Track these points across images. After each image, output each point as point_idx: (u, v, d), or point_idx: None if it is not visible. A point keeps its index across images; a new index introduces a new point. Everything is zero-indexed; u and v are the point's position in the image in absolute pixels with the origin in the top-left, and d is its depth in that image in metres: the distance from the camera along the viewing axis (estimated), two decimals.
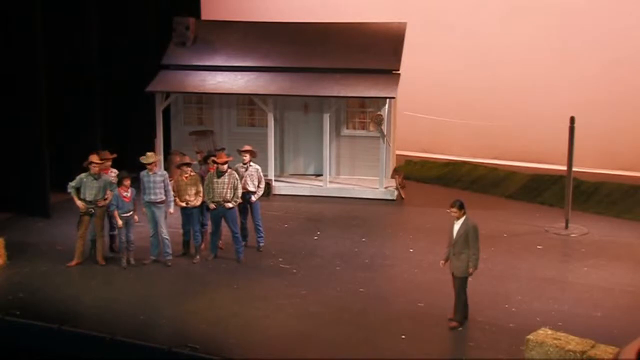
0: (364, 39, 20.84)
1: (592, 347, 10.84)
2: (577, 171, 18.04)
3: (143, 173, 15.03)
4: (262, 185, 15.68)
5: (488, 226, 17.47)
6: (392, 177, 20.41)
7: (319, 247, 15.94)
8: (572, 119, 17.10)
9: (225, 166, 14.81)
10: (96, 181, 14.87)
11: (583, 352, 10.70)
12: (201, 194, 14.90)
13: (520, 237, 16.83)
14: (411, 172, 22.04)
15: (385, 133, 19.88)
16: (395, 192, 19.68)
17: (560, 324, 12.16)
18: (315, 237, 16.60)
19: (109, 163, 15.56)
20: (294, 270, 14.59)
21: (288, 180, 20.70)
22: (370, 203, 19.33)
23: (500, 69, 23.06)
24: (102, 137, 19.90)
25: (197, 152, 20.57)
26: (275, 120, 20.30)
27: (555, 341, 10.94)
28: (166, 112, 20.86)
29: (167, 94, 20.45)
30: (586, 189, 20.06)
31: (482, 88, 23.23)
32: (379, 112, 19.81)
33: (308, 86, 19.91)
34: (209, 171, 15.12)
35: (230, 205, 14.78)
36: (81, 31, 19.32)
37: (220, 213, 14.83)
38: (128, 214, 14.73)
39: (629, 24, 21.64)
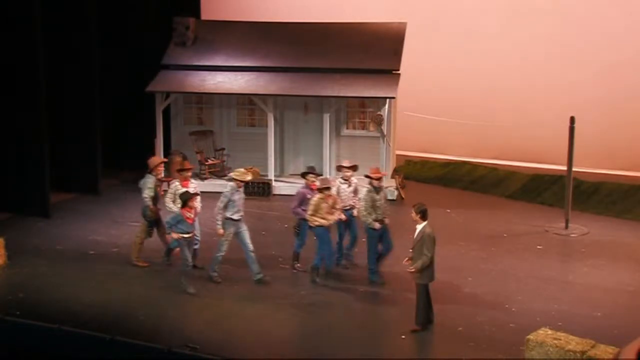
0: (364, 39, 20.83)
1: (592, 347, 10.85)
2: (577, 171, 18.04)
3: (231, 191, 14.04)
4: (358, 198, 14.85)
5: (488, 226, 17.51)
6: (392, 177, 20.40)
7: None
8: (572, 119, 17.11)
9: (379, 181, 14.13)
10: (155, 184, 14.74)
11: (583, 352, 10.71)
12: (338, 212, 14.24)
13: (520, 237, 16.83)
14: (411, 172, 22.03)
15: (385, 133, 19.88)
16: (395, 192, 19.67)
17: (560, 324, 12.17)
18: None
19: (189, 174, 14.83)
20: (294, 270, 14.59)
21: (288, 180, 20.69)
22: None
23: (500, 69, 23.04)
24: (102, 137, 19.92)
25: (197, 152, 20.60)
26: (275, 120, 20.29)
27: (555, 341, 10.95)
28: (166, 112, 20.85)
29: (167, 94, 20.44)
30: (586, 189, 20.07)
31: (482, 88, 23.22)
32: (379, 112, 19.81)
33: (308, 86, 19.90)
34: (309, 188, 14.56)
35: (387, 221, 14.21)
36: (81, 31, 19.30)
37: (382, 232, 14.09)
38: (189, 235, 13.73)
39: (629, 24, 21.63)
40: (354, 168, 14.98)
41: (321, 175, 15.08)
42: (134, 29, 21.55)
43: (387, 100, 19.77)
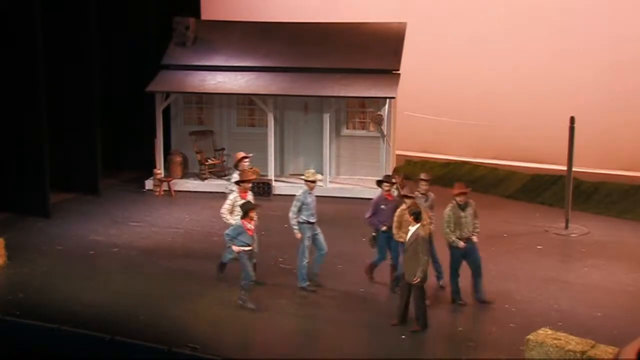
0: (364, 39, 20.83)
1: (592, 347, 10.85)
2: (577, 171, 18.03)
3: (304, 194, 13.83)
4: (434, 214, 14.04)
5: (488, 226, 17.42)
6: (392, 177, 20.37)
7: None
8: (572, 119, 17.11)
9: (464, 197, 13.20)
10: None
11: (583, 352, 10.72)
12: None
13: (520, 237, 16.82)
14: (411, 172, 22.00)
15: (385, 133, 19.88)
16: (396, 192, 19.63)
17: (560, 324, 12.17)
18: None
19: (250, 185, 14.22)
20: (294, 271, 14.56)
21: (288, 180, 20.69)
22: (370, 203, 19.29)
23: (500, 68, 23.03)
24: (102, 137, 19.92)
25: (197, 152, 20.61)
26: (275, 120, 20.29)
27: (555, 341, 10.95)
28: (166, 112, 20.85)
29: (167, 94, 20.44)
30: (586, 189, 20.06)
31: (482, 88, 23.21)
32: (379, 112, 19.81)
33: (308, 86, 19.90)
34: (385, 198, 13.90)
35: (475, 239, 13.17)
36: (81, 31, 19.30)
37: (467, 251, 13.11)
38: (250, 248, 13.06)
39: (629, 25, 21.62)
40: (430, 181, 14.19)
41: (394, 182, 14.24)
42: (134, 29, 21.54)
43: (387, 100, 19.78)
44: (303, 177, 14.18)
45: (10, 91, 17.69)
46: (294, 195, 19.94)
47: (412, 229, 12.21)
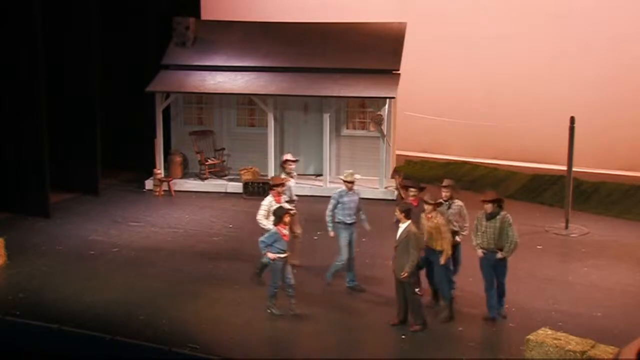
0: (364, 39, 20.84)
1: (592, 347, 10.86)
2: (577, 171, 18.04)
3: (340, 193, 13.61)
4: (467, 225, 13.35)
5: None
6: (392, 177, 20.39)
7: (319, 247, 15.92)
8: (572, 119, 17.12)
9: (491, 205, 12.53)
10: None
11: (583, 352, 10.72)
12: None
13: (521, 237, 16.62)
14: (411, 172, 22.02)
15: (385, 133, 19.88)
16: (395, 192, 19.66)
17: (560, 324, 12.18)
18: (315, 237, 16.58)
19: (283, 189, 13.89)
20: (294, 271, 14.53)
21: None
22: (370, 203, 19.22)
23: (500, 68, 23.05)
24: (102, 137, 19.92)
25: (197, 152, 20.61)
26: (275, 120, 20.29)
27: (555, 341, 10.96)
28: (166, 112, 20.86)
29: (167, 94, 20.44)
30: (586, 189, 20.06)
31: (482, 88, 23.23)
32: (379, 112, 19.81)
33: (308, 86, 19.90)
34: (411, 204, 13.01)
35: (500, 255, 12.50)
36: (81, 31, 19.31)
37: (490, 263, 12.60)
38: (285, 255, 12.71)
39: (629, 25, 21.64)
40: (454, 188, 13.60)
41: (423, 188, 13.52)
42: (134, 29, 21.54)
43: (387, 100, 19.78)
44: (342, 177, 14.02)
45: (10, 91, 17.69)
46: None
47: (403, 226, 12.16)
